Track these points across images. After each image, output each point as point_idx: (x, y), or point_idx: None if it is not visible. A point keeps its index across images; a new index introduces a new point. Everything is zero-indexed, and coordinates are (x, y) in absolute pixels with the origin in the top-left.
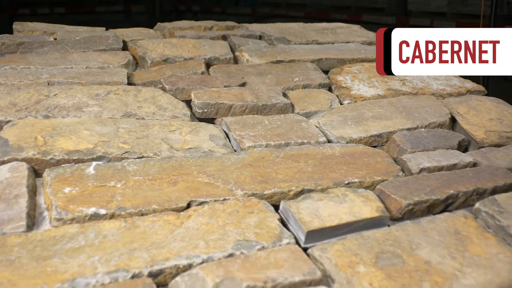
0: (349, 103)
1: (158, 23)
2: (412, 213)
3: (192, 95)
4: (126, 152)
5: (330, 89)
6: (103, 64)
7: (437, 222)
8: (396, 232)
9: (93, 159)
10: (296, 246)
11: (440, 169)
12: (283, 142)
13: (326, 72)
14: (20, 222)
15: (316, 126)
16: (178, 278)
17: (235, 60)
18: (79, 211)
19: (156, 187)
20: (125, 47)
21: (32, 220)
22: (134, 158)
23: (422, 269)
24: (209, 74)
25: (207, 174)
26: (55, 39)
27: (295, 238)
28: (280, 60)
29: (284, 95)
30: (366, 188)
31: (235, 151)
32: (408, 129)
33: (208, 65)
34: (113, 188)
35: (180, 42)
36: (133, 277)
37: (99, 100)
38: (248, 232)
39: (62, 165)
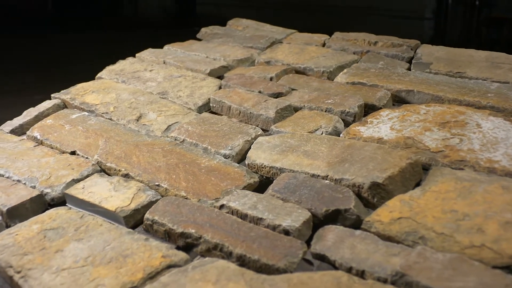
0: (341, 135)
1: (335, 32)
2: (151, 228)
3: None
4: (106, 113)
5: (354, 120)
6: (220, 57)
7: (111, 244)
8: (85, 224)
9: (89, 111)
10: (34, 191)
11: (243, 216)
12: (195, 142)
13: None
14: None
15: (252, 143)
16: None
17: None
18: (33, 132)
19: (76, 136)
20: None
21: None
22: (105, 118)
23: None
24: (277, 80)
25: (108, 140)
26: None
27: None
28: (362, 82)
29: (295, 110)
30: (166, 196)
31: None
32: (313, 175)
33: (299, 73)
34: (63, 128)
35: (310, 51)
36: None
37: (166, 79)
38: (44, 175)
39: (74, 109)
